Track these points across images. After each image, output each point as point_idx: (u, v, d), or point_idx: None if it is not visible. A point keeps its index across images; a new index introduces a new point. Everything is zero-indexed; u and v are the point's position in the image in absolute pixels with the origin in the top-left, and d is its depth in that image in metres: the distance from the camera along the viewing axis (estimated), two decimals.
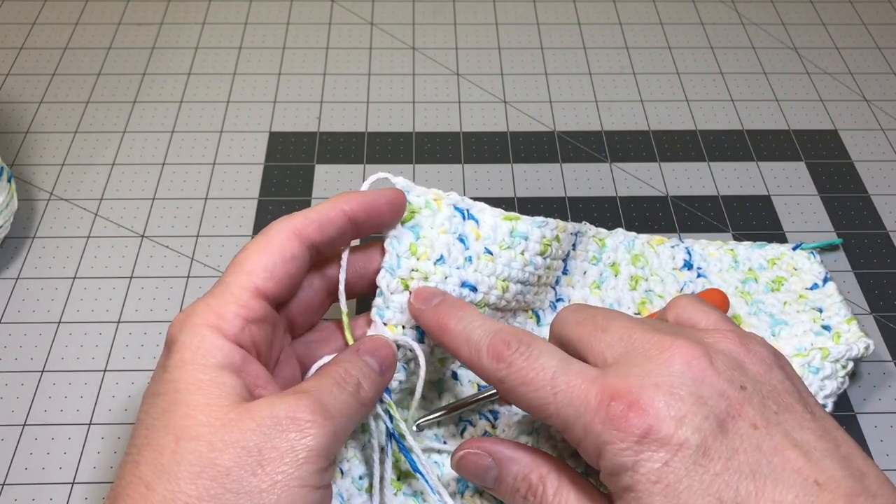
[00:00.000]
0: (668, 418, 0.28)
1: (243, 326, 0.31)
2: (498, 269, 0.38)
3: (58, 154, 0.54)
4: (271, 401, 0.29)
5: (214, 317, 0.31)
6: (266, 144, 0.55)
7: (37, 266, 0.48)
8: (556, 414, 0.30)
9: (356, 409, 0.32)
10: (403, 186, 0.37)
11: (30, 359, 0.43)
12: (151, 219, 0.50)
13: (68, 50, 0.62)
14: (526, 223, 0.39)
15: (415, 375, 0.37)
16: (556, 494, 0.31)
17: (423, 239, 0.37)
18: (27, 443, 0.40)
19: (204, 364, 0.30)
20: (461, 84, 0.60)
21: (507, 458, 0.32)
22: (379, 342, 0.35)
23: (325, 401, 0.30)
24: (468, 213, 0.38)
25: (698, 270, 0.46)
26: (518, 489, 0.32)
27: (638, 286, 0.45)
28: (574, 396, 0.29)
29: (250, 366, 0.31)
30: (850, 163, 0.55)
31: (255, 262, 0.32)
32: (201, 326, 0.30)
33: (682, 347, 0.29)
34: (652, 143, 0.56)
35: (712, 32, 0.65)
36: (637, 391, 0.28)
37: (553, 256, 0.41)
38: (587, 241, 0.46)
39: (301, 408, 0.29)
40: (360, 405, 0.32)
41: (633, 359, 0.30)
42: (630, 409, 0.28)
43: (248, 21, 0.65)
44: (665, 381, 0.28)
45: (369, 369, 0.33)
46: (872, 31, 0.65)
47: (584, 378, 0.30)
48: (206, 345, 0.30)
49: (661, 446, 0.27)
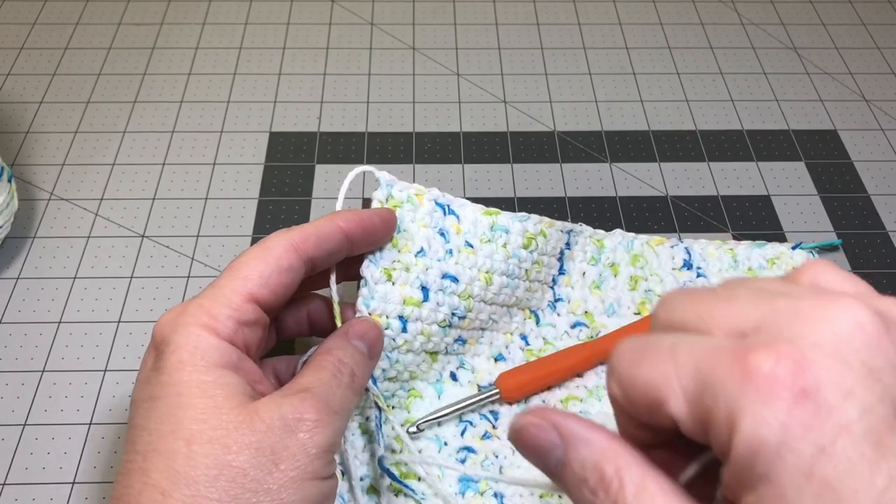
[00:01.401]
0: (831, 385, 0.20)
1: (236, 328, 0.31)
2: (479, 262, 0.39)
3: (58, 154, 0.54)
4: (277, 402, 0.30)
5: (208, 317, 0.31)
6: (266, 144, 0.55)
7: (37, 266, 0.48)
8: (675, 393, 0.22)
9: (353, 400, 0.33)
10: (387, 181, 0.38)
11: (30, 359, 0.43)
12: (151, 219, 0.50)
13: (68, 50, 0.62)
14: (506, 217, 0.40)
15: (399, 364, 0.38)
16: (639, 494, 0.22)
17: (404, 232, 0.38)
18: (27, 443, 0.40)
19: (204, 364, 0.30)
20: (461, 84, 0.60)
21: (579, 437, 0.24)
22: (367, 325, 0.35)
23: (327, 398, 0.31)
24: (448, 208, 0.39)
25: (698, 270, 0.46)
26: (586, 479, 0.24)
27: (637, 286, 0.45)
28: (700, 360, 0.21)
29: (246, 364, 0.31)
30: (850, 163, 0.55)
31: (251, 269, 0.32)
32: (195, 326, 0.30)
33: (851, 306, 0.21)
34: (652, 143, 0.56)
35: (712, 32, 0.65)
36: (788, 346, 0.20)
37: (540, 251, 0.42)
38: (585, 241, 0.46)
39: (307, 408, 0.30)
40: (355, 395, 0.33)
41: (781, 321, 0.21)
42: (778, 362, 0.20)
43: (248, 21, 0.65)
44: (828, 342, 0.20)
45: (360, 355, 0.34)
46: (872, 32, 0.65)
47: (713, 344, 0.22)
48: (203, 344, 0.30)
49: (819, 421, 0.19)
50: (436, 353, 0.40)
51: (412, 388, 0.40)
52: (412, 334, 0.38)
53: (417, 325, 0.38)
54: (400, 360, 0.38)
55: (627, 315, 0.44)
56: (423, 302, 0.38)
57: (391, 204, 0.38)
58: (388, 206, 0.38)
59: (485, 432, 0.40)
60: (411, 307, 0.38)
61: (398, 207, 0.38)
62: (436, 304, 0.38)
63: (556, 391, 0.41)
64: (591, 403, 0.41)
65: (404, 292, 0.37)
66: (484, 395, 0.40)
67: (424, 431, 0.39)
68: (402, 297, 0.37)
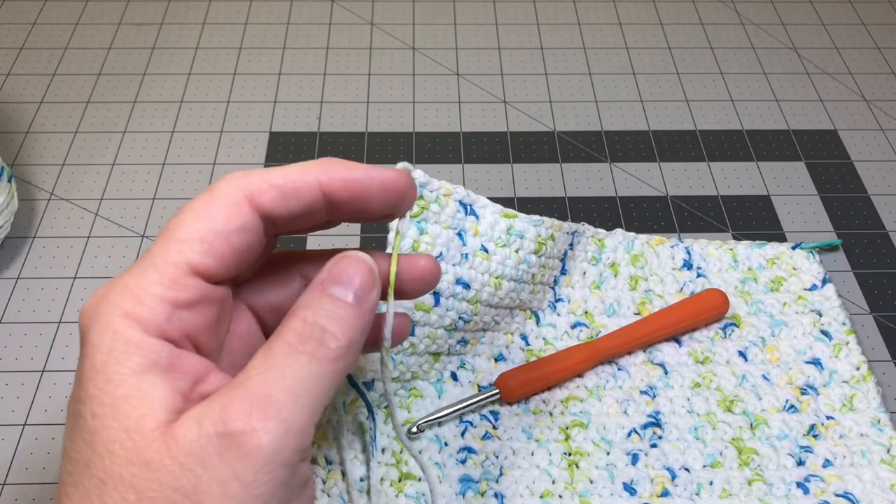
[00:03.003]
0: None
1: (169, 314, 0.24)
2: (492, 267, 0.39)
3: (58, 154, 0.54)
4: (199, 414, 0.22)
5: (132, 302, 0.23)
6: (266, 144, 0.55)
7: (37, 266, 0.48)
8: None
9: (325, 375, 0.24)
10: (421, 182, 0.37)
11: (30, 359, 0.43)
12: (151, 219, 0.50)
13: (68, 50, 0.62)
14: (523, 221, 0.40)
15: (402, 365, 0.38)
16: None
17: (426, 235, 0.37)
18: (27, 443, 0.40)
19: (119, 373, 0.23)
20: (461, 84, 0.60)
21: None
22: (352, 264, 0.26)
23: (267, 389, 0.23)
24: (470, 208, 0.39)
25: (698, 270, 0.46)
26: None
27: (638, 286, 0.45)
28: None
29: (183, 360, 0.24)
30: (850, 163, 0.55)
31: (189, 230, 0.24)
32: (114, 317, 0.23)
33: None
34: (652, 143, 0.56)
35: (712, 32, 0.65)
36: None
37: (548, 255, 0.42)
38: (586, 241, 0.46)
39: (233, 415, 0.22)
40: (331, 363, 0.24)
41: None
42: None
43: (248, 21, 0.65)
44: None
45: (342, 307, 0.25)
46: (872, 32, 0.65)
47: None
48: (121, 344, 0.23)
49: None
50: (438, 354, 0.40)
51: (413, 387, 0.40)
52: (419, 338, 0.38)
53: (425, 329, 0.38)
54: (404, 363, 0.38)
55: (627, 315, 0.44)
56: (433, 307, 0.38)
57: (420, 205, 0.37)
58: (416, 207, 0.36)
59: (485, 433, 0.40)
60: (421, 312, 0.37)
61: (425, 209, 0.37)
62: (445, 309, 0.38)
63: (556, 391, 0.41)
64: (591, 403, 0.41)
65: None
66: (484, 396, 0.40)
67: (425, 431, 0.39)
68: (413, 302, 0.37)
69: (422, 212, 0.37)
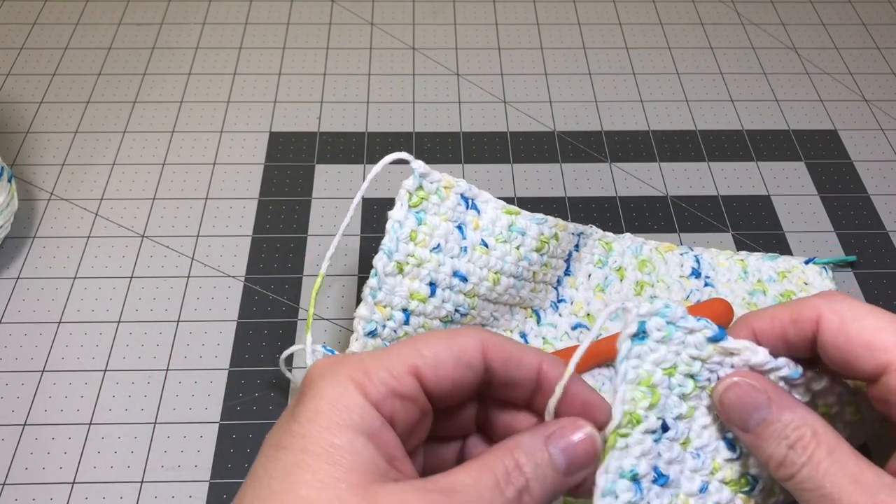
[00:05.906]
0: None
1: (387, 395, 0.27)
2: (491, 262, 0.39)
3: (58, 154, 0.54)
4: (406, 495, 0.25)
5: (362, 374, 0.27)
6: (266, 144, 0.55)
7: (37, 266, 0.48)
8: None
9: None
10: (421, 172, 0.38)
11: (30, 359, 0.43)
12: (151, 219, 0.50)
13: (68, 50, 0.62)
14: (525, 219, 0.40)
15: None
16: (832, 453, 0.28)
17: (424, 226, 0.38)
18: (27, 443, 0.40)
19: (339, 423, 0.26)
20: (461, 84, 0.60)
21: (785, 403, 0.30)
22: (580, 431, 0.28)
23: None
24: (472, 202, 0.39)
25: (706, 279, 0.46)
26: (787, 436, 0.29)
27: (643, 291, 0.45)
28: None
29: (387, 434, 0.27)
30: (850, 163, 0.55)
31: (429, 346, 0.28)
32: (346, 377, 0.27)
33: None
34: (652, 143, 0.56)
35: (712, 32, 0.65)
36: None
37: (550, 254, 0.42)
38: (593, 243, 0.46)
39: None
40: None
41: None
42: None
43: (248, 21, 0.65)
44: None
45: (551, 469, 0.27)
46: (872, 32, 0.65)
47: None
48: (346, 400, 0.26)
49: None
50: None
51: None
52: (413, 328, 0.38)
53: (420, 319, 0.38)
54: None
55: None
56: (429, 297, 0.38)
57: (419, 195, 0.38)
58: (416, 198, 0.37)
59: None
60: (417, 302, 0.38)
61: (424, 200, 0.38)
62: (441, 300, 0.39)
63: None
64: None
65: (413, 286, 0.38)
66: None
67: None
68: (409, 291, 0.38)
69: (420, 202, 0.38)
